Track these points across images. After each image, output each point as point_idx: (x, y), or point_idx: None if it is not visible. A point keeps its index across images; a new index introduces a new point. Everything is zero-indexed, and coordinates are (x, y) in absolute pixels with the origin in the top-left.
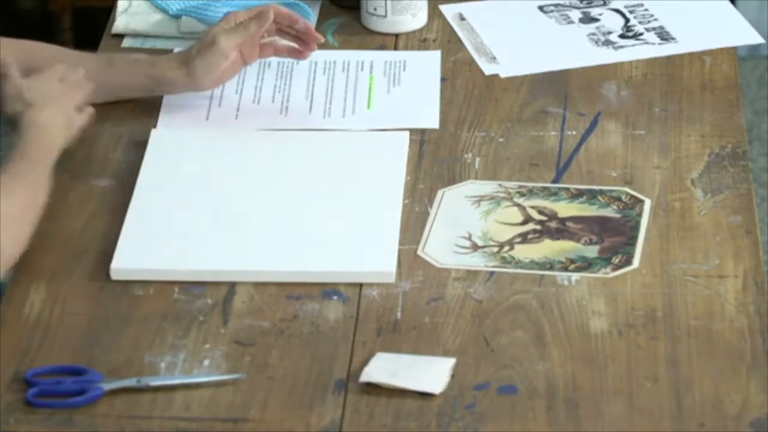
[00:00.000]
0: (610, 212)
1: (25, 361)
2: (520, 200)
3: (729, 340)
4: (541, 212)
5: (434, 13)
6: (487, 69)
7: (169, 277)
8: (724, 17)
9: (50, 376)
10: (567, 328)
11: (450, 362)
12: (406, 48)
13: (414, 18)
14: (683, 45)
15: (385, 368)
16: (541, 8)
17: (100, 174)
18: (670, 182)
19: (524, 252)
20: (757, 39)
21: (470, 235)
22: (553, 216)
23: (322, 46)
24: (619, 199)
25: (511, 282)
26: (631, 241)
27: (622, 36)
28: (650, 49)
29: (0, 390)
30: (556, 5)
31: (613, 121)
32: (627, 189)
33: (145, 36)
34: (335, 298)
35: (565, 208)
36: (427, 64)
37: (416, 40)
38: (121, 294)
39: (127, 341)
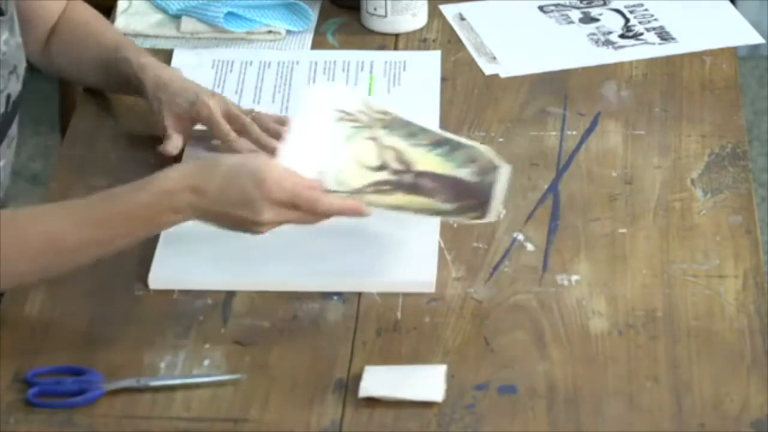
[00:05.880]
0: (466, 174)
1: (25, 361)
2: (381, 132)
3: (729, 340)
4: (398, 158)
5: (434, 13)
6: (487, 69)
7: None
8: (724, 17)
9: (50, 376)
10: (567, 328)
11: (442, 369)
12: (406, 48)
13: (414, 18)
14: (683, 45)
15: (380, 381)
16: (541, 8)
17: (100, 174)
18: (670, 182)
19: (376, 200)
20: (757, 39)
21: (321, 173)
22: (408, 168)
23: (322, 46)
24: (475, 160)
25: (511, 282)
26: (486, 199)
27: (622, 36)
28: (650, 49)
29: (0, 390)
30: (556, 5)
31: (613, 121)
32: (485, 148)
33: (145, 36)
34: (335, 298)
35: (422, 159)
36: (427, 64)
37: (416, 40)
38: (121, 294)
39: (127, 341)
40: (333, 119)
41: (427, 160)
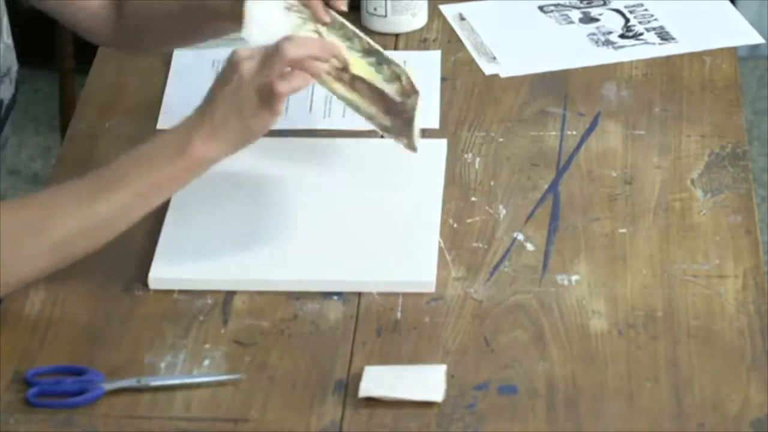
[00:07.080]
0: (392, 91)
1: (25, 361)
2: (322, 30)
3: (729, 340)
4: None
5: (434, 13)
6: (487, 69)
7: (209, 287)
8: (724, 17)
9: (50, 376)
10: (567, 328)
11: (442, 369)
12: (406, 48)
13: (414, 18)
14: (683, 45)
15: (380, 381)
16: (541, 8)
17: None
18: (670, 182)
19: (355, 66)
20: (757, 39)
21: None
22: (345, 68)
23: None
24: (399, 78)
25: (511, 282)
26: (409, 129)
27: (622, 36)
28: (650, 49)
29: (0, 390)
30: (556, 5)
31: (613, 121)
32: (408, 69)
33: None
34: (335, 298)
35: (356, 63)
36: (427, 64)
37: (416, 40)
38: (121, 294)
39: (127, 341)
40: (283, 8)
41: (360, 66)
